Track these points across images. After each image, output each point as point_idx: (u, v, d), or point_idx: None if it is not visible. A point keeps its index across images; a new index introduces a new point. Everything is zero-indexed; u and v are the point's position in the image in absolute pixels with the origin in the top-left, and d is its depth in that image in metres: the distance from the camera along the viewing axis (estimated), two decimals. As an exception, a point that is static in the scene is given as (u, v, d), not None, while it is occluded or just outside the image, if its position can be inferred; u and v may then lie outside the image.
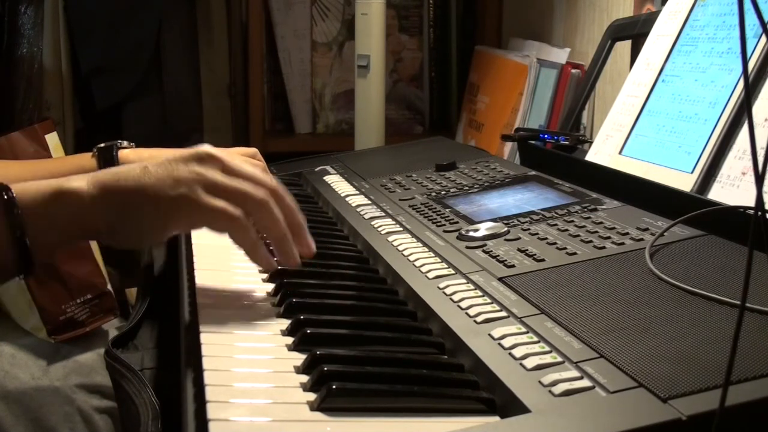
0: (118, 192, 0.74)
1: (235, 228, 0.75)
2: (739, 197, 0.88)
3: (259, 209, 0.76)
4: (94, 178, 0.74)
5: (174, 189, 0.73)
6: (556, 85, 1.53)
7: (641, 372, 0.56)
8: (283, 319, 0.73)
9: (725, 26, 1.02)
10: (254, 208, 0.76)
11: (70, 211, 0.73)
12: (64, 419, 1.05)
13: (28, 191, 0.73)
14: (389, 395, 0.58)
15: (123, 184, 0.74)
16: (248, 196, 0.76)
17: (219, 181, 0.75)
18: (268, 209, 0.76)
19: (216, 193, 0.75)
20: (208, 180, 0.75)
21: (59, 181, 0.74)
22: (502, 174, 1.14)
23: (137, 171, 0.74)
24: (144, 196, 0.73)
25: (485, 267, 0.80)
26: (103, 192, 0.73)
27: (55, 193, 0.73)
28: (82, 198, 0.73)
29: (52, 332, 1.12)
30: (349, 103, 1.92)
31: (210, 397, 0.57)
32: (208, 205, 0.74)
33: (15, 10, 1.64)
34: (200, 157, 0.76)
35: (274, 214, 0.77)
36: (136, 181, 0.74)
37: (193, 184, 0.74)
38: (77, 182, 0.74)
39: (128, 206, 0.74)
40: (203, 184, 0.74)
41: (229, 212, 0.74)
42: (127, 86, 1.73)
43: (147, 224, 0.75)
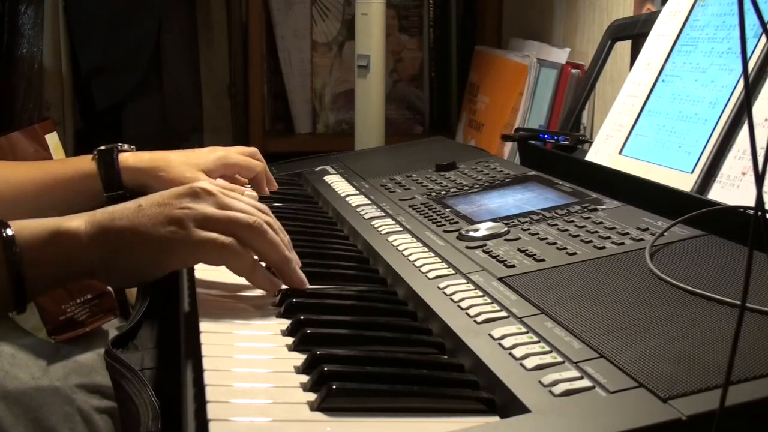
0: (113, 231, 0.74)
1: (227, 255, 0.75)
2: (739, 197, 0.88)
3: (252, 234, 0.76)
4: (91, 218, 0.75)
5: (166, 227, 0.74)
6: (556, 85, 1.53)
7: (641, 372, 0.56)
8: (283, 319, 0.73)
9: (725, 26, 1.02)
10: (248, 234, 0.76)
11: (67, 251, 0.74)
12: (64, 419, 1.05)
13: (26, 229, 0.73)
14: (389, 395, 0.58)
15: (117, 224, 0.74)
16: (240, 223, 0.76)
17: (210, 214, 0.76)
18: (263, 233, 0.76)
19: (207, 226, 0.75)
20: (199, 214, 0.75)
21: (57, 221, 0.75)
22: (502, 174, 1.14)
23: (131, 210, 0.75)
24: (137, 234, 0.74)
25: (485, 267, 0.80)
26: (98, 232, 0.74)
27: (53, 233, 0.73)
28: (79, 238, 0.74)
29: (52, 332, 1.12)
30: (349, 103, 1.92)
31: (210, 397, 0.57)
32: (198, 239, 0.74)
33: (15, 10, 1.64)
34: (194, 193, 0.77)
35: (269, 237, 0.77)
36: (129, 221, 0.74)
37: (185, 220, 0.74)
38: (75, 222, 0.75)
39: (122, 246, 0.74)
40: (195, 220, 0.75)
41: (220, 241, 0.74)
42: (127, 86, 1.73)
43: (140, 263, 0.76)
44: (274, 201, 1.14)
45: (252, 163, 1.17)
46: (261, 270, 0.77)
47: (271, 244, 0.77)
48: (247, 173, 1.18)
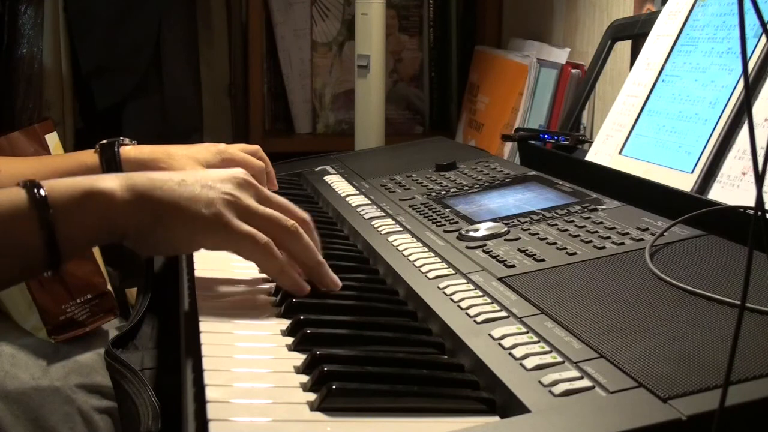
0: (153, 201, 0.73)
1: (260, 253, 0.75)
2: (739, 197, 0.88)
3: (289, 237, 0.77)
4: (128, 181, 0.74)
5: (208, 208, 0.74)
6: (556, 85, 1.53)
7: (641, 372, 0.56)
8: (283, 319, 0.73)
9: (725, 26, 1.02)
10: (284, 235, 0.77)
11: (101, 211, 0.72)
12: (64, 419, 1.05)
13: (58, 189, 0.72)
14: (389, 395, 0.58)
15: (158, 194, 0.73)
16: (279, 223, 0.77)
17: (252, 206, 0.76)
18: (299, 237, 0.77)
19: (247, 218, 0.75)
20: (242, 204, 0.75)
21: (90, 180, 0.73)
22: (502, 174, 1.14)
23: (174, 183, 0.74)
24: (178, 209, 0.73)
25: (485, 267, 0.80)
26: (136, 197, 0.73)
27: (86, 192, 0.72)
28: (113, 199, 0.72)
29: (52, 332, 1.12)
30: (349, 103, 1.92)
31: (210, 397, 0.57)
32: (237, 229, 0.74)
33: (15, 10, 1.64)
34: (237, 181, 0.77)
35: (304, 242, 0.77)
36: (171, 194, 0.73)
37: (227, 206, 0.74)
38: (109, 182, 0.73)
39: (161, 217, 0.73)
40: (236, 208, 0.75)
41: (257, 238, 0.75)
42: (127, 86, 1.73)
43: (176, 237, 0.75)
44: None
45: (251, 161, 1.17)
46: (290, 273, 0.77)
47: (305, 248, 0.77)
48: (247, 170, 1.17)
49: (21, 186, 0.71)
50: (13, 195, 0.70)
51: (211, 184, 0.76)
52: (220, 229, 0.74)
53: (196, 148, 1.15)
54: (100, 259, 1.21)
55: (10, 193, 0.71)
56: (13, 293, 1.14)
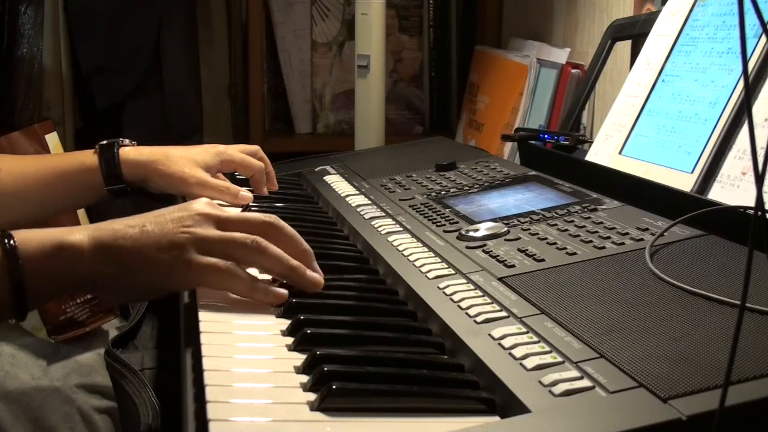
0: (116, 251, 0.74)
1: (225, 280, 0.76)
2: (739, 197, 0.88)
3: (252, 253, 0.77)
4: (94, 232, 0.75)
5: (168, 252, 0.74)
6: (556, 85, 1.53)
7: (641, 372, 0.56)
8: (283, 319, 0.73)
9: (725, 26, 1.02)
10: (247, 253, 0.77)
11: (69, 265, 0.74)
12: (64, 419, 1.05)
13: (30, 241, 0.73)
14: (389, 395, 0.58)
15: (121, 243, 0.75)
16: (238, 243, 0.77)
17: (210, 236, 0.76)
18: (262, 250, 0.77)
19: (208, 250, 0.76)
20: (200, 238, 0.76)
21: (61, 233, 0.75)
22: (502, 174, 1.14)
23: (136, 230, 0.75)
24: (140, 257, 0.74)
25: (485, 267, 0.80)
26: (101, 249, 0.74)
27: (56, 245, 0.74)
28: (81, 252, 0.74)
29: (52, 332, 1.12)
30: (349, 103, 1.92)
31: (210, 397, 0.57)
32: (198, 264, 0.75)
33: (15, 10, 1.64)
34: (194, 216, 0.78)
35: (270, 252, 0.77)
36: (133, 242, 0.75)
37: (186, 244, 0.75)
38: (78, 235, 0.75)
39: (124, 266, 0.75)
40: (195, 244, 0.75)
41: (218, 266, 0.75)
42: (127, 86, 1.73)
43: (143, 284, 0.76)
44: (274, 201, 1.14)
45: (251, 162, 1.17)
46: (260, 288, 0.77)
47: (272, 259, 0.77)
48: (245, 171, 1.18)
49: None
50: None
51: (170, 227, 0.76)
52: (182, 267, 0.75)
53: (194, 150, 1.15)
54: (100, 259, 1.20)
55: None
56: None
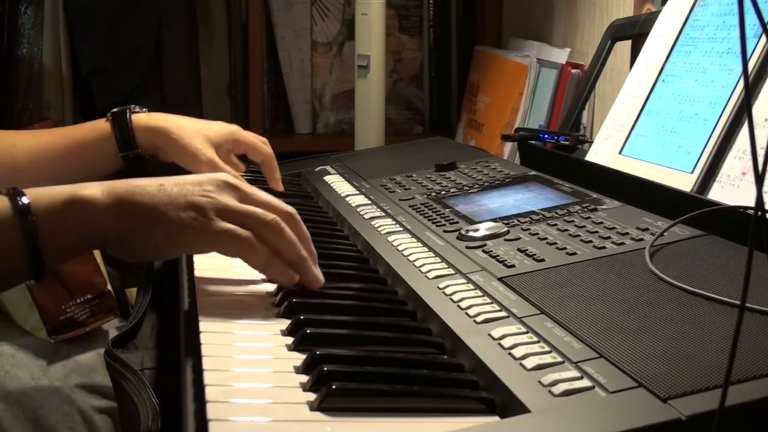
0: (132, 206, 0.73)
1: (244, 249, 0.75)
2: (739, 197, 0.88)
3: (270, 231, 0.76)
4: (109, 188, 0.74)
5: (186, 211, 0.74)
6: (556, 85, 1.53)
7: (641, 372, 0.56)
8: (283, 319, 0.73)
9: (725, 26, 1.02)
10: (266, 230, 0.76)
11: (83, 219, 0.73)
12: (64, 419, 1.05)
13: (42, 197, 0.72)
14: (389, 395, 0.58)
15: (137, 199, 0.73)
16: (259, 218, 0.76)
17: (231, 205, 0.76)
18: (280, 230, 0.77)
19: (227, 217, 0.75)
20: (220, 204, 0.75)
21: (73, 188, 0.73)
22: (502, 174, 1.14)
23: (153, 187, 0.74)
24: (156, 213, 0.73)
25: (485, 267, 0.80)
26: (117, 203, 0.73)
27: (69, 200, 0.72)
28: (95, 206, 0.73)
29: (52, 332, 1.12)
30: (349, 103, 1.92)
31: (210, 397, 0.57)
32: (216, 228, 0.74)
33: (15, 10, 1.64)
34: (217, 183, 0.77)
35: (286, 235, 0.77)
36: (150, 198, 0.73)
37: (206, 207, 0.74)
38: (91, 190, 0.73)
39: (140, 222, 0.74)
40: (215, 209, 0.75)
41: (237, 233, 0.74)
42: (127, 86, 1.73)
43: (156, 242, 0.75)
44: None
45: (262, 146, 1.18)
46: (276, 264, 0.77)
47: (287, 243, 0.77)
48: (255, 155, 1.18)
49: (4, 194, 0.71)
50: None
51: (190, 188, 0.75)
52: (199, 229, 0.74)
53: (208, 125, 1.14)
54: (100, 259, 1.21)
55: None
56: (13, 293, 1.14)
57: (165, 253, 0.78)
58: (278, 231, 0.77)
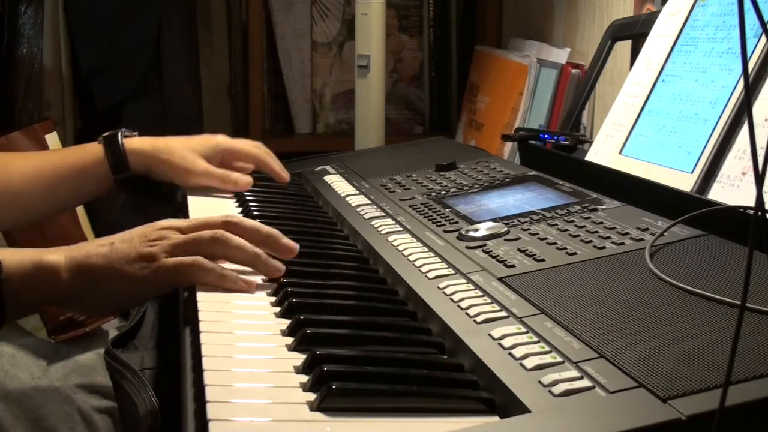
0: (88, 268, 0.79)
1: (195, 272, 0.79)
2: (739, 197, 0.88)
3: (217, 246, 0.81)
4: (70, 252, 0.80)
5: (137, 262, 0.80)
6: (556, 85, 1.53)
7: (641, 372, 0.56)
8: (283, 319, 0.73)
9: (725, 26, 1.02)
10: (212, 246, 0.81)
11: (46, 283, 0.79)
12: (64, 419, 1.05)
13: (10, 257, 0.78)
14: (389, 395, 0.58)
15: (93, 261, 0.80)
16: (202, 239, 0.81)
17: (175, 240, 0.81)
18: (224, 241, 0.81)
19: (173, 252, 0.80)
20: (166, 245, 0.81)
21: (39, 253, 0.80)
22: (502, 174, 1.14)
23: (106, 249, 0.80)
24: (111, 271, 0.79)
25: (485, 267, 0.80)
26: (75, 267, 0.79)
27: (36, 265, 0.79)
28: (58, 270, 0.79)
29: (52, 332, 1.12)
30: (349, 103, 1.92)
31: (210, 397, 0.57)
32: (166, 266, 0.79)
33: (15, 10, 1.64)
34: (158, 228, 0.83)
35: (232, 243, 0.81)
36: (104, 259, 0.80)
37: (153, 253, 0.80)
38: (54, 255, 0.80)
39: (96, 282, 0.80)
40: (163, 251, 0.80)
41: (185, 263, 0.79)
42: (127, 86, 1.73)
43: (116, 296, 0.81)
44: (274, 201, 1.14)
45: (251, 150, 1.19)
46: (229, 276, 0.80)
47: (235, 248, 0.81)
48: (248, 159, 1.20)
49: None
50: None
51: (137, 241, 0.81)
52: (151, 275, 0.79)
53: (196, 140, 1.17)
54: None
55: None
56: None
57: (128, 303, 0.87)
58: (224, 241, 0.81)
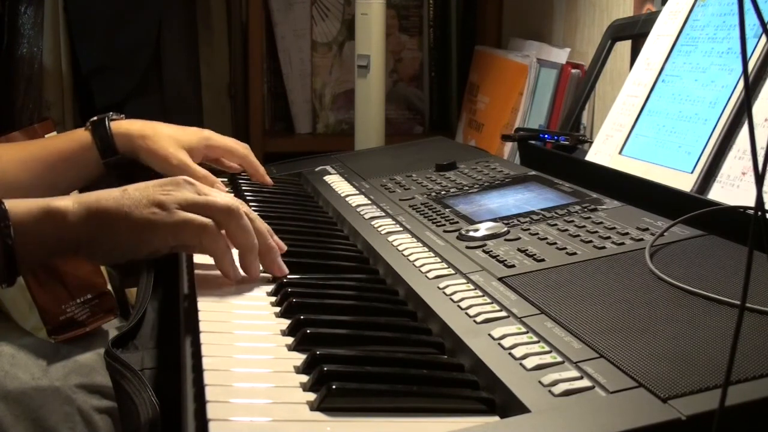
0: (99, 211, 0.79)
1: (204, 235, 0.80)
2: (739, 197, 0.88)
3: (228, 218, 0.81)
4: (78, 198, 0.80)
5: (147, 208, 0.79)
6: (556, 85, 1.53)
7: (641, 372, 0.56)
8: (283, 319, 0.73)
9: (725, 26, 1.02)
10: (224, 217, 0.81)
11: (56, 228, 0.78)
12: (64, 419, 1.05)
13: (19, 206, 0.77)
14: (389, 395, 0.58)
15: (104, 204, 0.79)
16: (217, 206, 0.81)
17: (190, 197, 0.81)
18: (237, 218, 0.81)
19: (188, 208, 0.80)
20: (180, 198, 0.80)
21: (47, 200, 0.79)
22: (502, 174, 1.14)
23: (117, 193, 0.80)
24: (121, 214, 0.79)
25: (485, 267, 0.80)
26: (85, 210, 0.79)
27: (44, 210, 0.78)
28: (67, 216, 0.78)
29: (52, 332, 1.12)
30: (349, 103, 1.92)
31: (210, 397, 0.57)
32: (177, 219, 0.79)
33: (15, 10, 1.64)
34: (176, 182, 0.83)
35: (243, 223, 0.81)
36: (115, 201, 0.79)
37: (166, 202, 0.80)
38: (63, 201, 0.79)
39: (107, 225, 0.79)
40: (176, 202, 0.80)
41: (198, 221, 0.80)
42: (127, 86, 1.73)
43: (123, 242, 0.80)
44: (274, 201, 1.14)
45: (235, 148, 1.20)
46: (230, 257, 0.81)
47: (243, 228, 0.81)
48: (231, 157, 1.21)
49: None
50: None
51: (151, 189, 0.81)
52: (160, 222, 0.79)
53: (182, 131, 1.18)
54: (100, 259, 1.20)
55: None
56: (13, 293, 1.14)
57: (134, 251, 0.82)
58: (236, 217, 0.81)
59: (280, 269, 0.83)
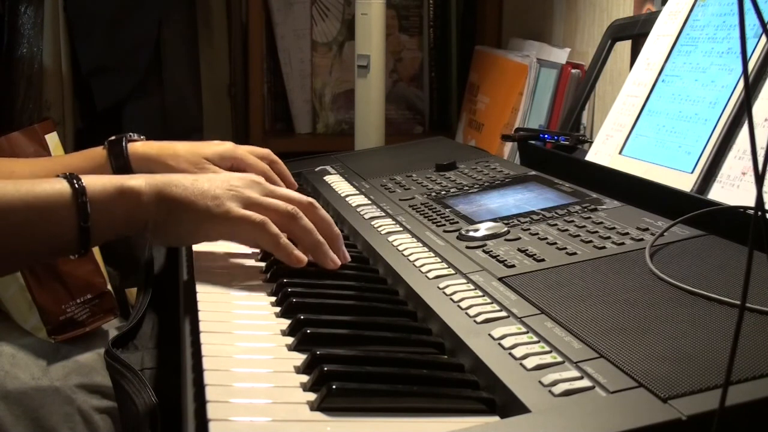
0: (168, 197, 0.83)
1: (256, 231, 0.83)
2: (739, 197, 0.88)
3: (288, 220, 0.85)
4: (152, 180, 0.84)
5: (212, 201, 0.84)
6: (556, 85, 1.53)
7: (641, 372, 0.56)
8: (283, 319, 0.73)
9: (725, 26, 1.02)
10: (284, 219, 0.85)
11: (128, 206, 0.83)
12: (64, 419, 1.05)
13: (95, 182, 0.82)
14: (389, 395, 0.58)
15: (174, 190, 0.84)
16: (278, 209, 0.85)
17: (253, 197, 0.85)
18: (297, 219, 0.85)
19: (248, 207, 0.84)
20: (244, 196, 0.85)
21: (122, 179, 0.84)
22: (502, 174, 1.14)
23: (188, 181, 0.85)
24: (187, 203, 0.83)
25: (485, 267, 0.80)
26: (156, 193, 0.83)
27: (118, 189, 0.82)
28: (139, 196, 0.83)
29: (52, 332, 1.12)
30: (349, 103, 1.92)
31: (210, 397, 0.57)
32: (235, 214, 0.83)
33: (15, 10, 1.64)
34: (244, 180, 0.88)
35: (303, 224, 0.85)
36: (184, 190, 0.84)
37: (230, 198, 0.84)
38: (136, 181, 0.84)
39: (173, 211, 0.83)
40: (239, 200, 0.84)
41: (253, 218, 0.83)
42: (127, 86, 1.73)
43: (183, 228, 0.85)
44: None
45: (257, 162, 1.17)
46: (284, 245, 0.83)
47: (303, 229, 0.85)
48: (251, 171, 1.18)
49: (62, 177, 0.81)
50: (54, 183, 0.80)
51: (219, 183, 0.85)
52: (219, 215, 0.83)
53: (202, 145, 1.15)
54: (100, 259, 1.21)
55: (52, 182, 0.80)
56: (13, 293, 1.14)
57: (191, 238, 0.88)
58: (295, 218, 0.85)
59: (344, 256, 0.87)
